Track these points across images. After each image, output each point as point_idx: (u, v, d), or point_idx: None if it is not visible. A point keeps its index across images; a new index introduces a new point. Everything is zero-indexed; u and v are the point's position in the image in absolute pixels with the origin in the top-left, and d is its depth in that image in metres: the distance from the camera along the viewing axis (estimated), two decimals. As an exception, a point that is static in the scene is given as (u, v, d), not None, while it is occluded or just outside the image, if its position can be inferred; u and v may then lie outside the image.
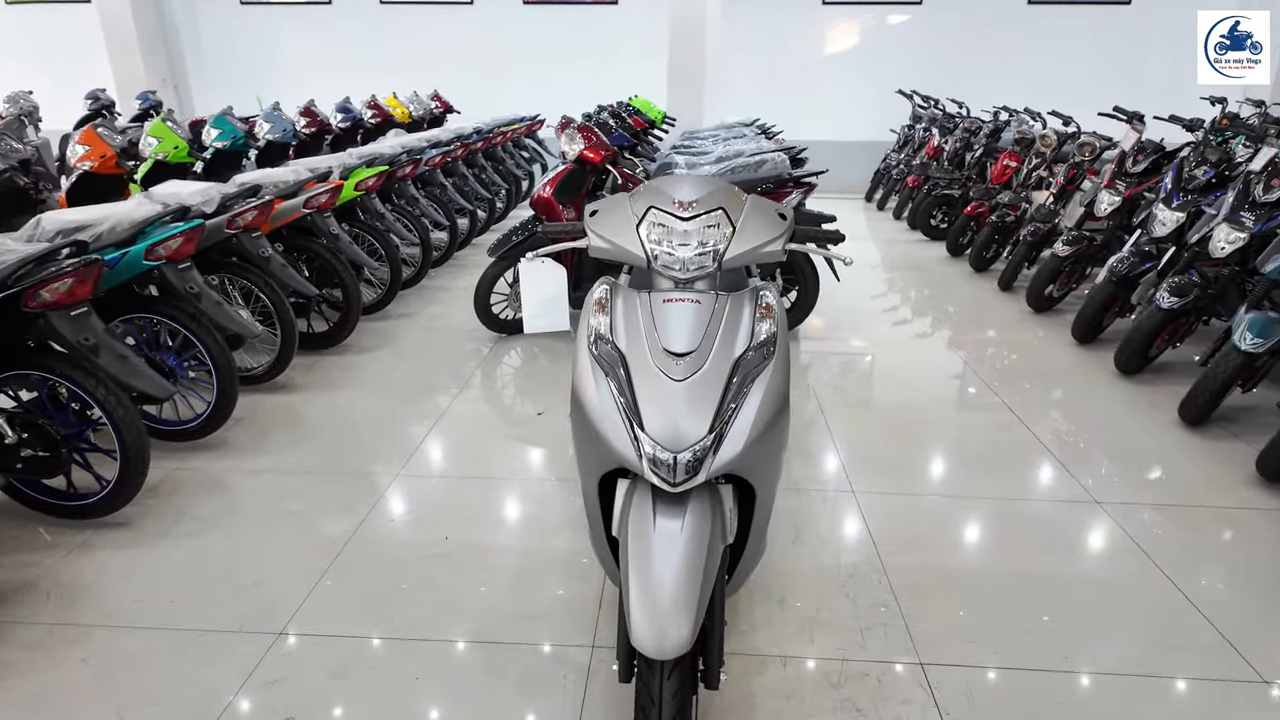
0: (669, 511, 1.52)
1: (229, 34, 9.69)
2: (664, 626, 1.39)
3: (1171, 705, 1.90)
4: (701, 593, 1.44)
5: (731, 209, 1.61)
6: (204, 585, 2.31)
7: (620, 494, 1.62)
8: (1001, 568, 2.43)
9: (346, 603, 2.23)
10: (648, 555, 1.47)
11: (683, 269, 1.60)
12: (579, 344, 1.64)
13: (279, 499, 2.77)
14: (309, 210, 3.78)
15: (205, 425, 3.06)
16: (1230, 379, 3.13)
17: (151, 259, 2.73)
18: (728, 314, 1.59)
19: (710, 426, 1.50)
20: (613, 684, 1.92)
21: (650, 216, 1.60)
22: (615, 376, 1.55)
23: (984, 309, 5.04)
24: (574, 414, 1.64)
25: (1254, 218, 3.44)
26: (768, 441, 1.58)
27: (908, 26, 9.15)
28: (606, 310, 1.62)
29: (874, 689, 1.92)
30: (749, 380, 1.54)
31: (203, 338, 2.87)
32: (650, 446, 1.48)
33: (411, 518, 2.67)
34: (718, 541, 1.53)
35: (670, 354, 1.55)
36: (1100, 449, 3.17)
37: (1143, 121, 4.56)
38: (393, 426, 3.35)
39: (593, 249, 1.68)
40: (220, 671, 1.97)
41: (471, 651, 2.05)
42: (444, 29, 9.47)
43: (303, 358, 4.04)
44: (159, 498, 2.76)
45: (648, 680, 1.43)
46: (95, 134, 3.75)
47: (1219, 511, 2.73)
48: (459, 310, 4.84)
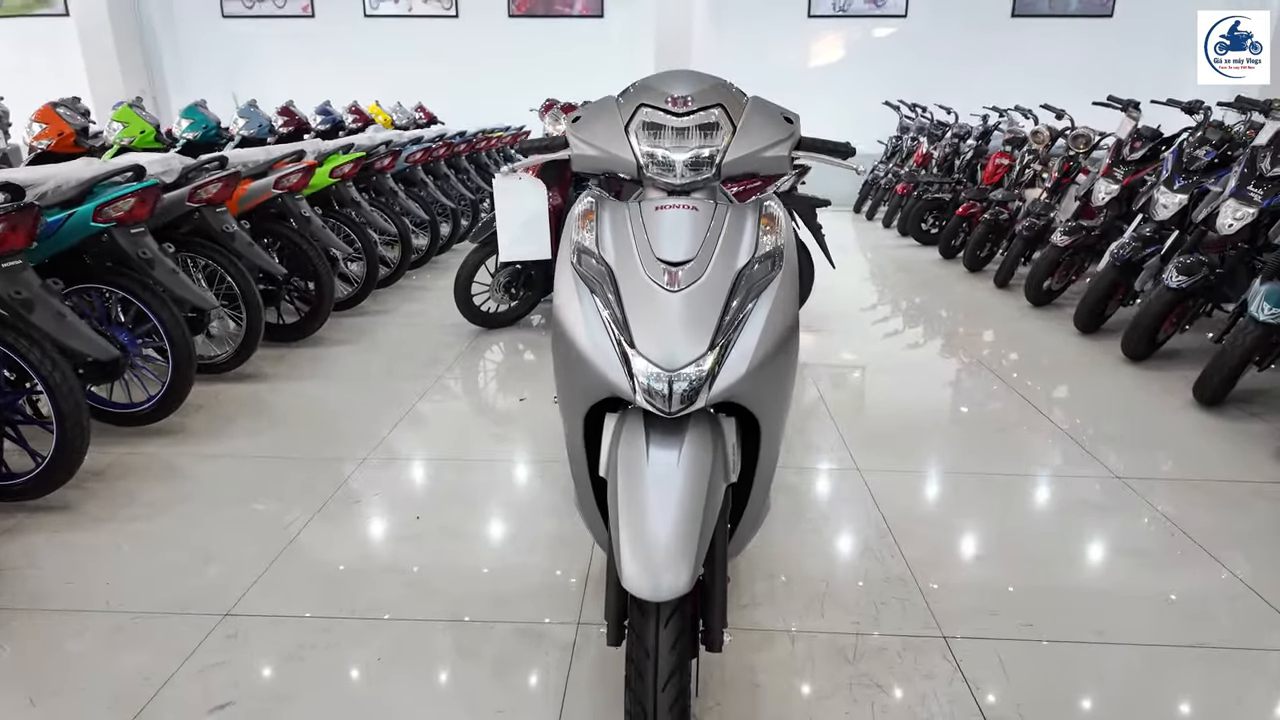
0: (664, 442, 1.32)
1: (210, 46, 9.58)
2: (659, 565, 1.19)
3: (1222, 673, 1.70)
4: (702, 530, 1.24)
5: (731, 107, 1.44)
6: (147, 568, 2.07)
7: (609, 431, 1.42)
8: (1024, 544, 2.23)
9: (303, 584, 2.00)
10: (640, 488, 1.27)
11: (678, 174, 1.42)
12: (560, 263, 1.45)
13: (236, 484, 2.54)
14: (280, 191, 3.59)
15: (159, 408, 2.83)
16: (1248, 353, 2.98)
17: (100, 220, 2.52)
18: (728, 223, 1.41)
19: (710, 343, 1.31)
20: (600, 661, 1.71)
21: (640, 116, 1.43)
22: (602, 293, 1.36)
23: (982, 305, 4.90)
24: (555, 343, 1.45)
25: (1262, 192, 3.33)
26: (775, 367, 1.39)
27: (893, 39, 9.18)
28: (592, 224, 1.44)
29: (893, 663, 1.71)
30: (753, 295, 1.36)
31: (157, 309, 2.66)
32: (643, 367, 1.29)
33: (380, 500, 2.44)
34: (719, 478, 1.33)
35: (664, 264, 1.36)
36: (1116, 430, 3.00)
37: (1138, 109, 4.49)
38: (363, 413, 3.14)
39: (576, 159, 1.50)
40: (153, 655, 1.73)
41: (441, 631, 1.83)
42: (429, 41, 9.41)
43: (271, 350, 3.82)
44: (104, 482, 2.53)
45: (641, 631, 1.22)
46: (54, 111, 3.57)
47: (1248, 486, 2.56)
48: (439, 307, 4.65)
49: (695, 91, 1.42)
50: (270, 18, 9.52)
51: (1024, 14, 8.92)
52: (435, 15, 9.40)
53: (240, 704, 1.59)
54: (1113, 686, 1.66)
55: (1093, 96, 4.95)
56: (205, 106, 4.71)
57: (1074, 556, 2.16)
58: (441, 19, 9.40)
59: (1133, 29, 8.77)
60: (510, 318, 4.22)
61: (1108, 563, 2.14)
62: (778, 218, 1.43)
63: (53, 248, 2.51)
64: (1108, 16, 8.83)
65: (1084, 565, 2.12)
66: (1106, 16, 8.83)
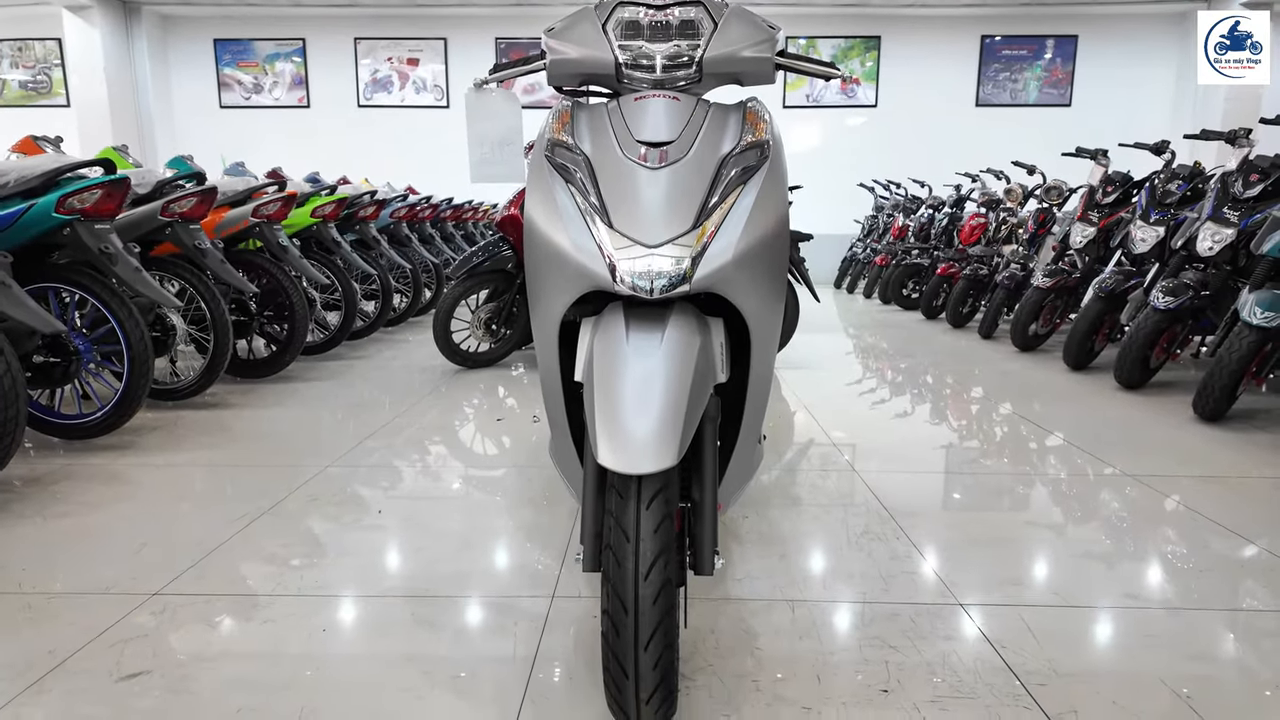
0: (645, 329, 1.20)
1: (206, 134, 9.83)
2: (639, 438, 1.05)
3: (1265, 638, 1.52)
4: (688, 411, 1.11)
5: (712, 6, 1.41)
6: (70, 555, 1.86)
7: (585, 335, 1.29)
8: (1039, 527, 2.07)
9: (246, 565, 1.79)
10: (620, 377, 1.14)
11: (658, 70, 1.37)
12: (533, 161, 1.37)
13: (183, 487, 2.35)
14: (258, 219, 3.54)
15: (110, 418, 2.65)
16: (1245, 360, 2.91)
17: (64, 212, 2.44)
18: (712, 114, 1.35)
19: (694, 223, 1.22)
20: (577, 634, 1.51)
21: (618, 14, 1.39)
22: (578, 182, 1.27)
23: (971, 354, 4.85)
24: (527, 246, 1.34)
25: (1238, 214, 3.37)
26: (763, 264, 1.29)
27: (865, 127, 9.61)
28: (568, 125, 1.37)
29: (907, 627, 1.52)
30: (739, 181, 1.27)
31: (115, 309, 2.53)
32: (622, 246, 1.19)
33: (340, 496, 2.25)
34: (705, 374, 1.20)
35: (644, 144, 1.29)
36: (1122, 442, 2.87)
37: (1107, 156, 4.62)
38: (329, 431, 2.97)
39: (552, 65, 1.45)
40: (62, 631, 1.51)
41: (397, 605, 1.62)
42: (421, 129, 9.72)
43: (237, 384, 3.67)
44: (38, 487, 2.32)
45: (620, 515, 1.05)
46: (34, 143, 3.55)
47: (1263, 480, 2.42)
48: (418, 354, 4.54)
49: (674, -11, 1.39)
50: (267, 108, 9.85)
51: (987, 104, 9.40)
52: (428, 106, 9.76)
53: (156, 673, 1.37)
54: (1154, 647, 1.47)
55: (1056, 174, 5.12)
56: (192, 160, 4.74)
57: (1094, 537, 1.99)
58: (433, 109, 9.76)
59: (1091, 117, 9.25)
60: (490, 358, 4.11)
61: (1132, 543, 1.97)
62: (763, 115, 1.37)
63: (12, 239, 2.41)
64: (1066, 106, 9.33)
65: (1106, 545, 1.95)
66: (1065, 106, 9.33)
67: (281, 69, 9.75)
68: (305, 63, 9.72)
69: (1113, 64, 9.27)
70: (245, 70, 9.76)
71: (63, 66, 9.69)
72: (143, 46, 9.47)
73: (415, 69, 9.68)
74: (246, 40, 9.68)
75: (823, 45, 9.42)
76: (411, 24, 9.51)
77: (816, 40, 9.41)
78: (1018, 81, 9.34)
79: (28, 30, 9.62)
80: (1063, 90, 9.33)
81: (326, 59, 9.70)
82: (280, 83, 9.76)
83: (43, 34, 9.61)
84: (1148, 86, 9.32)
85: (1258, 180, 3.39)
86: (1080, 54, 9.25)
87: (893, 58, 9.41)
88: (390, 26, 9.55)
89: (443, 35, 9.55)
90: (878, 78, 9.46)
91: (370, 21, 9.54)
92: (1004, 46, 9.29)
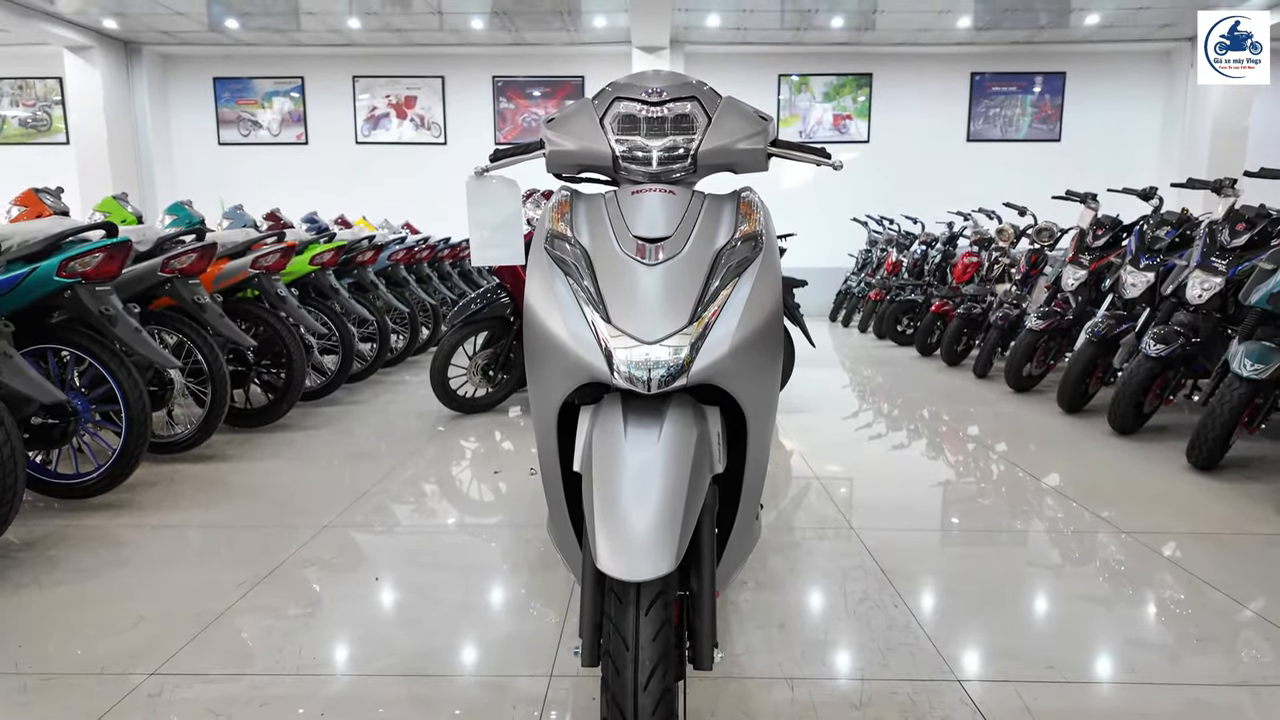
0: (643, 424, 1.22)
1: (204, 171, 9.91)
2: (637, 543, 1.06)
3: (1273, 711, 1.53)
4: (686, 513, 1.12)
5: (706, 101, 1.44)
6: (68, 629, 1.85)
7: (584, 424, 1.31)
8: (1036, 594, 2.08)
9: (243, 642, 1.79)
10: (618, 471, 1.15)
11: (655, 164, 1.40)
12: (533, 252, 1.39)
13: (181, 549, 2.35)
14: (257, 270, 3.57)
15: (107, 478, 2.65)
16: (1236, 410, 2.94)
17: (65, 275, 2.46)
18: (706, 207, 1.38)
19: (690, 318, 1.24)
20: (575, 717, 1.50)
21: (616, 108, 1.43)
22: (576, 274, 1.30)
23: (965, 394, 4.88)
24: (527, 334, 1.37)
25: (1226, 262, 3.42)
26: (758, 353, 1.31)
27: (857, 163, 9.71)
28: (567, 215, 1.40)
29: (905, 706, 1.52)
30: (734, 274, 1.30)
31: (114, 369, 2.54)
32: (620, 342, 1.21)
33: (337, 562, 2.25)
34: (703, 465, 1.22)
35: (641, 240, 1.32)
36: (1116, 493, 2.89)
37: (1096, 200, 4.68)
38: (326, 487, 2.96)
39: (551, 156, 1.49)
40: (56, 716, 1.50)
41: (394, 685, 1.61)
42: (418, 165, 9.81)
43: (234, 434, 3.67)
44: (34, 551, 2.31)
45: (619, 621, 1.06)
46: (35, 195, 3.58)
47: (1259, 537, 2.44)
48: (415, 397, 4.55)
49: (670, 85, 1.43)
50: (265, 145, 9.94)
51: (978, 139, 9.54)
52: (425, 142, 9.86)
53: (153, 764, 1.37)
54: (1152, 727, 1.48)
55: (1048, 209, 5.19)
56: (191, 205, 4.78)
57: (1089, 605, 2.00)
58: (431, 146, 9.86)
59: (1080, 152, 9.39)
60: (487, 403, 4.12)
61: (1127, 610, 1.98)
62: (756, 205, 1.40)
63: (13, 302, 2.42)
64: (1056, 141, 9.46)
65: (1101, 614, 1.95)
66: (1055, 141, 9.47)
67: (280, 106, 9.86)
68: (304, 100, 9.83)
69: (1101, 100, 9.42)
70: (244, 108, 9.86)
71: (63, 104, 9.78)
72: (143, 85, 9.57)
73: (412, 107, 9.79)
74: (246, 78, 9.79)
75: (815, 83, 9.56)
76: (409, 62, 9.64)
77: (810, 78, 9.56)
78: (1008, 117, 9.49)
79: (28, 69, 9.72)
80: (1052, 126, 9.47)
81: (325, 97, 9.81)
82: (279, 120, 9.86)
83: (43, 73, 9.71)
84: (1135, 122, 9.47)
85: (1244, 230, 3.45)
86: (1069, 90, 9.41)
87: (885, 94, 9.56)
88: (388, 65, 9.68)
89: (440, 74, 9.68)
90: (869, 114, 9.59)
91: (368, 60, 9.67)
92: (994, 84, 9.44)
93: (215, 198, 6.40)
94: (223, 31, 8.97)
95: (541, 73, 9.65)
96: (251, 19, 8.57)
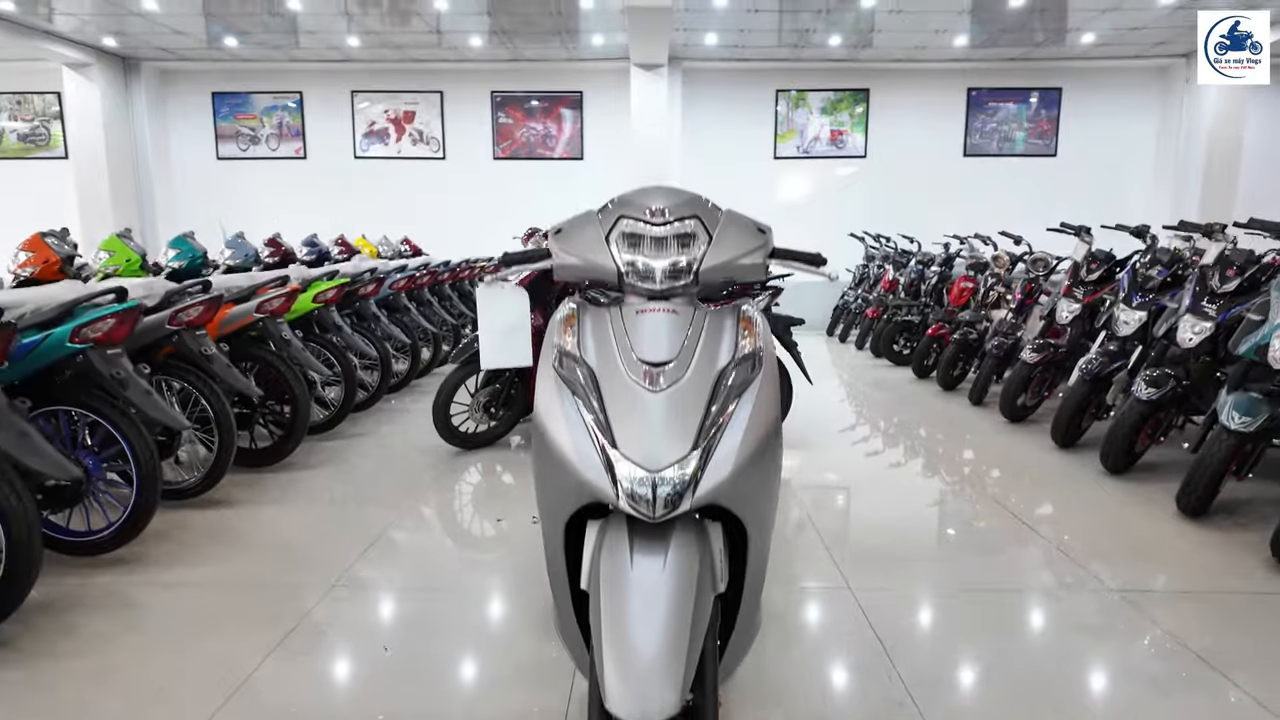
0: (648, 549, 1.28)
1: (203, 186, 9.93)
2: (645, 683, 1.12)
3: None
4: (691, 644, 1.18)
5: (707, 218, 1.50)
6: (85, 709, 1.90)
7: (590, 540, 1.37)
8: (1027, 660, 2.14)
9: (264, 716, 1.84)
10: (623, 600, 1.21)
11: (658, 281, 1.46)
12: (542, 368, 1.45)
13: (193, 615, 2.39)
14: (262, 315, 3.62)
15: (119, 535, 2.70)
16: (1225, 460, 3.00)
17: (78, 341, 2.50)
18: (707, 326, 1.44)
19: (693, 444, 1.30)
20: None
21: (621, 227, 1.48)
22: (584, 396, 1.35)
23: (960, 423, 4.94)
24: (536, 448, 1.42)
25: (1216, 308, 3.47)
26: (759, 470, 1.37)
27: (855, 176, 9.77)
28: (574, 329, 1.45)
29: (901, 796, 1.58)
30: (734, 396, 1.36)
31: (125, 431, 2.59)
32: (626, 469, 1.27)
33: (346, 632, 2.30)
34: (707, 587, 1.28)
35: (646, 365, 1.37)
36: (1105, 542, 2.95)
37: (1090, 233, 4.74)
38: (332, 540, 3.01)
39: (558, 269, 1.54)
40: (84, 808, 1.55)
41: (408, 772, 1.67)
42: (417, 180, 9.84)
43: (241, 475, 3.72)
44: (49, 615, 2.36)
45: (627, 757, 1.12)
46: (41, 240, 3.62)
47: (1246, 596, 2.50)
48: (416, 428, 4.60)
49: (672, 204, 1.48)
50: (264, 159, 9.96)
51: (974, 154, 9.60)
52: (424, 157, 9.89)
53: None
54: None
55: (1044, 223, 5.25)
56: (193, 237, 4.82)
57: (1075, 676, 2.06)
58: (429, 160, 9.89)
59: (1075, 167, 9.45)
60: (489, 438, 4.17)
61: (1111, 685, 2.04)
62: (755, 321, 1.46)
63: (26, 368, 2.47)
64: (1052, 156, 9.53)
65: (1086, 688, 2.02)
66: (1051, 156, 9.53)
67: (279, 121, 9.88)
68: (302, 115, 9.85)
69: (1096, 115, 9.48)
70: (243, 122, 9.88)
71: (61, 119, 9.79)
72: (141, 100, 9.59)
73: (411, 122, 9.81)
74: (244, 93, 9.81)
75: (813, 98, 9.61)
76: (408, 78, 9.67)
77: (807, 93, 9.60)
78: (1004, 132, 9.54)
79: (27, 84, 9.73)
80: (1048, 141, 9.53)
81: (323, 111, 9.83)
82: (277, 135, 9.89)
83: (42, 88, 9.72)
84: (1131, 137, 9.53)
85: (1234, 275, 3.50)
86: (1064, 106, 9.47)
87: (882, 109, 9.61)
88: (387, 80, 9.71)
89: (439, 89, 9.70)
90: (867, 129, 9.64)
91: (367, 75, 9.69)
92: (990, 99, 9.50)
93: (215, 220, 6.43)
94: (222, 49, 8.99)
95: (540, 88, 9.68)
96: (250, 37, 8.60)
